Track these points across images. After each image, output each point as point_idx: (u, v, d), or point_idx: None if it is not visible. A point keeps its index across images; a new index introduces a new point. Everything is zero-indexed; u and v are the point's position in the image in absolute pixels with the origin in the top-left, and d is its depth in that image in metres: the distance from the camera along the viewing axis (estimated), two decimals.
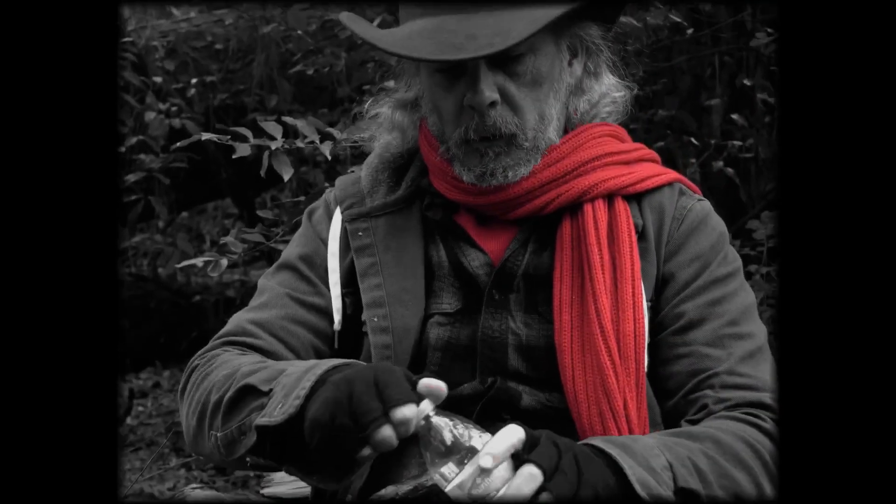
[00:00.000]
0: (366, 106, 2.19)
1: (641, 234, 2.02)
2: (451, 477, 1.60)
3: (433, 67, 1.98)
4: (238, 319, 2.09)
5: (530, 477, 1.58)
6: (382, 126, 2.15)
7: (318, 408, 1.66)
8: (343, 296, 2.08)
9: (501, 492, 1.58)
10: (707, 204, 2.10)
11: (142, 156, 4.83)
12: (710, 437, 1.80)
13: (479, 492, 1.58)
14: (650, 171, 2.08)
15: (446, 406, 1.91)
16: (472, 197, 2.02)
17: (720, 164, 4.48)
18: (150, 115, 4.96)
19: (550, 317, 1.98)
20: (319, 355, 2.05)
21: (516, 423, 1.63)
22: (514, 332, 1.98)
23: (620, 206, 2.01)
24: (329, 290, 2.09)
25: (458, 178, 2.02)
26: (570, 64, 2.05)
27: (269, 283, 2.14)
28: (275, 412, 1.72)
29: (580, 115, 2.08)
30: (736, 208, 4.70)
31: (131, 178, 4.58)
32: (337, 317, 2.07)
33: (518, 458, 1.61)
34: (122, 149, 4.81)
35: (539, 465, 1.58)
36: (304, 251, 2.14)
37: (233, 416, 1.83)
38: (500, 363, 1.98)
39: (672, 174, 2.10)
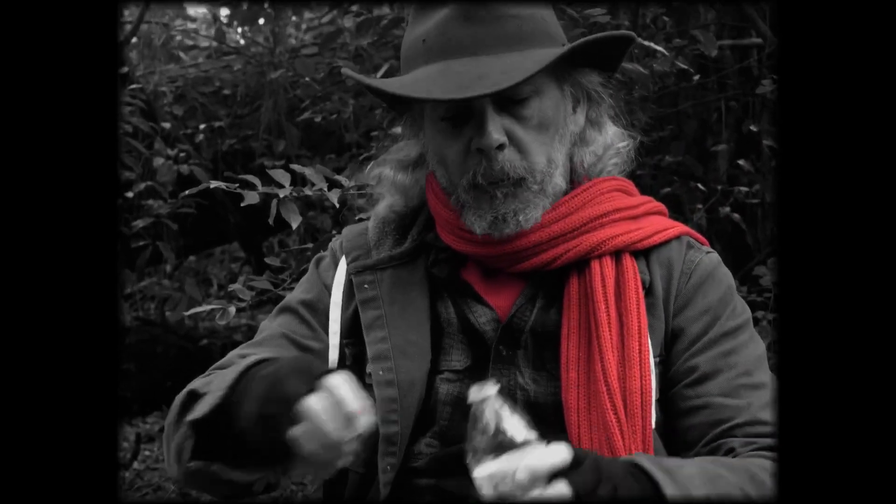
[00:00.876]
0: (367, 170, 2.20)
1: (649, 290, 2.01)
2: (485, 463, 1.61)
3: (438, 115, 1.99)
4: (231, 354, 2.10)
5: (559, 495, 1.57)
6: (385, 188, 2.15)
7: (248, 404, 1.71)
8: (343, 346, 2.08)
9: (526, 497, 1.57)
10: (715, 256, 2.10)
11: (150, 201, 4.83)
12: (745, 471, 1.80)
13: (504, 488, 1.58)
14: (658, 225, 2.08)
15: (455, 458, 1.93)
16: (480, 248, 2.02)
17: (727, 209, 4.48)
18: (158, 161, 4.98)
19: (558, 374, 1.97)
20: None
21: (564, 443, 1.61)
22: (522, 388, 1.98)
23: (628, 262, 2.01)
24: (328, 338, 2.09)
25: (465, 229, 2.02)
26: (573, 111, 2.06)
27: (270, 324, 2.15)
28: (203, 407, 1.76)
29: (587, 168, 2.08)
30: (742, 254, 4.70)
31: (139, 223, 4.59)
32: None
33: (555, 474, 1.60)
34: (131, 194, 4.82)
35: (573, 487, 1.57)
36: (307, 297, 2.14)
37: (181, 425, 1.86)
38: None
39: (679, 227, 2.10)
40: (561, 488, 1.56)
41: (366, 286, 2.09)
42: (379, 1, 4.57)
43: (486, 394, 1.64)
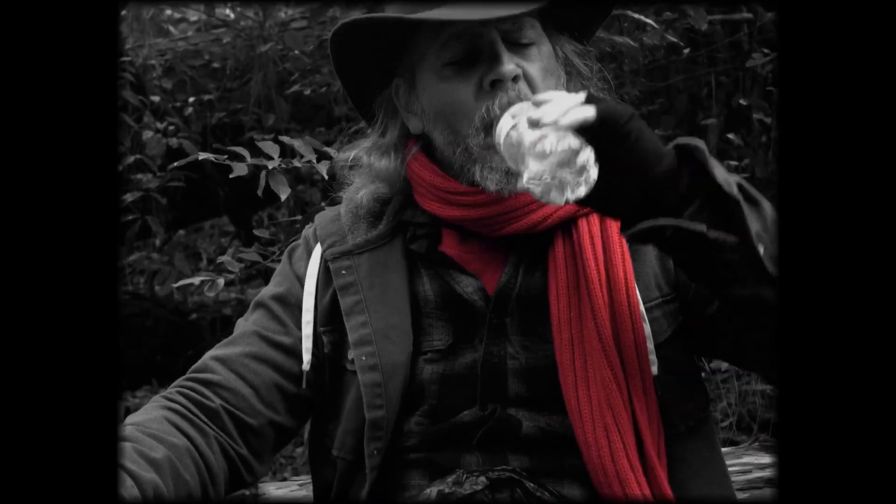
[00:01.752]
0: (346, 155, 2.18)
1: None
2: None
3: (443, 61, 1.98)
4: (204, 356, 2.10)
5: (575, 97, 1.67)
6: (365, 175, 2.14)
7: None
8: (322, 334, 2.08)
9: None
10: None
11: (139, 175, 4.82)
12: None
13: (521, 113, 1.72)
14: None
15: (445, 434, 1.93)
16: (468, 210, 2.01)
17: None
18: (147, 135, 4.95)
19: (548, 336, 1.97)
20: (283, 394, 2.06)
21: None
22: (512, 357, 1.98)
23: (611, 220, 2.00)
24: (299, 330, 2.09)
25: (454, 192, 2.01)
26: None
27: (245, 322, 2.15)
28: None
29: None
30: None
31: (128, 197, 4.57)
32: (306, 356, 2.07)
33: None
34: (120, 168, 4.80)
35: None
36: (279, 290, 2.14)
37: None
38: (500, 388, 1.97)
39: None
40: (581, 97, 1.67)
41: (343, 271, 2.08)
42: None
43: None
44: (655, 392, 1.94)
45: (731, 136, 4.58)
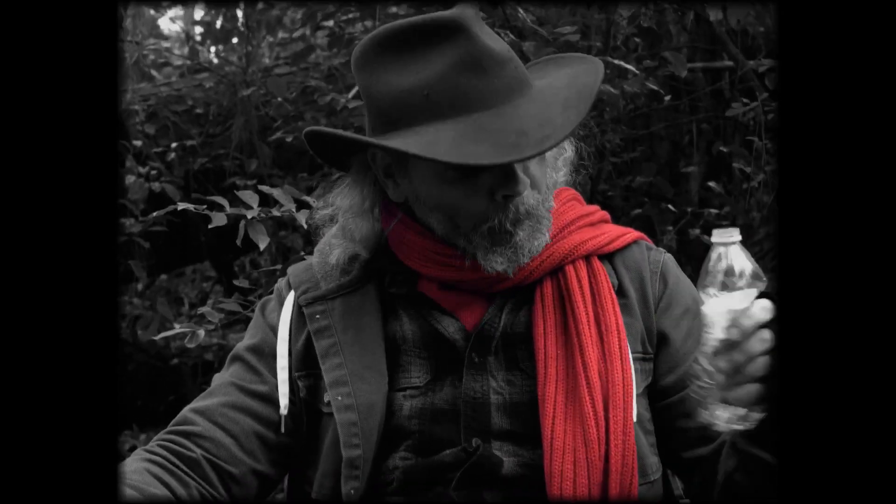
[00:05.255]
0: (324, 212, 2.17)
1: (619, 291, 2.06)
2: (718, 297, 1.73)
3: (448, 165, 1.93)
4: (183, 410, 2.11)
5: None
6: (339, 234, 2.13)
7: None
8: (297, 379, 2.09)
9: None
10: (669, 254, 2.19)
11: (122, 220, 4.81)
12: None
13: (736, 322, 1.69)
14: (616, 231, 2.13)
15: (425, 473, 1.92)
16: (468, 273, 2.02)
17: (697, 231, 4.50)
18: (130, 179, 4.96)
19: (533, 372, 1.99)
20: (263, 442, 2.08)
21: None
22: (496, 392, 2.00)
23: (598, 265, 2.06)
24: (274, 378, 2.10)
25: (451, 255, 2.02)
26: None
27: (222, 375, 2.16)
28: None
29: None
30: None
31: None
32: (283, 401, 2.08)
33: None
34: None
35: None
36: (253, 342, 2.16)
37: None
38: (484, 423, 1.98)
39: (634, 233, 2.17)
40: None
41: (318, 316, 2.10)
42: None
43: (731, 238, 1.72)
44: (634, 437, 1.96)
45: (711, 183, 4.60)
